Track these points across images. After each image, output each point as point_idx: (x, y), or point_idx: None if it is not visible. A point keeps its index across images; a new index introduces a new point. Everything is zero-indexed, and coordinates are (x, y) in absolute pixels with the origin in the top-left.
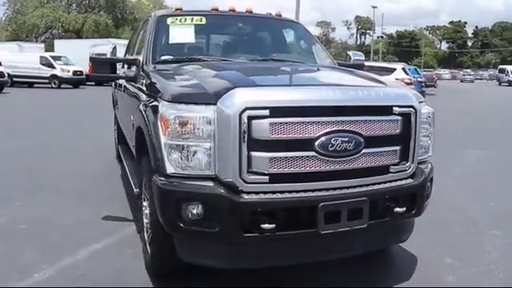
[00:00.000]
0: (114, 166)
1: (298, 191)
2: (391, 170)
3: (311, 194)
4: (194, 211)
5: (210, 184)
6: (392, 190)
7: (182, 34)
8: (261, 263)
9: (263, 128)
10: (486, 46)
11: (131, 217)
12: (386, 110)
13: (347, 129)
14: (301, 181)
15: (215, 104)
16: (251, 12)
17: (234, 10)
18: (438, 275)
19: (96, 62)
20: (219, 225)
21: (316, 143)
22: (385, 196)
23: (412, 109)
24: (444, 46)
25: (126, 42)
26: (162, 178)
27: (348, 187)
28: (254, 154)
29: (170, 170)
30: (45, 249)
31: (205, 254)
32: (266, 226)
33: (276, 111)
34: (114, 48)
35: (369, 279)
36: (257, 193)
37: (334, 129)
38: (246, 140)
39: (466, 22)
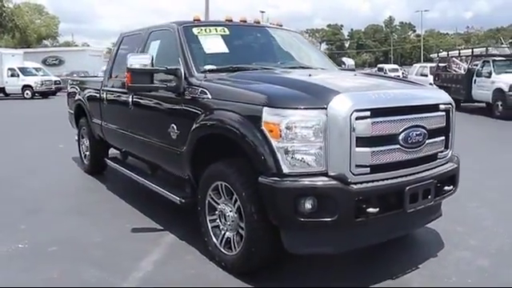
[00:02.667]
0: (91, 181)
1: (389, 178)
2: (439, 157)
3: (398, 179)
4: (310, 205)
5: (325, 179)
6: (444, 173)
7: (214, 43)
8: (362, 243)
9: (366, 127)
10: (361, 46)
11: (160, 226)
12: (436, 108)
13: (418, 124)
14: (391, 169)
15: (325, 108)
16: (259, 22)
17: (245, 21)
18: (462, 240)
19: (135, 73)
20: (337, 214)
21: (400, 137)
22: (440, 177)
23: (450, 105)
24: (323, 47)
25: (12, 51)
26: (275, 178)
27: (418, 172)
28: (359, 149)
29: (285, 170)
30: (102, 266)
31: (315, 243)
32: (371, 210)
33: (375, 112)
34: (152, 58)
35: (415, 251)
36: (361, 183)
37: (410, 124)
38: (354, 138)
39: (342, 25)
